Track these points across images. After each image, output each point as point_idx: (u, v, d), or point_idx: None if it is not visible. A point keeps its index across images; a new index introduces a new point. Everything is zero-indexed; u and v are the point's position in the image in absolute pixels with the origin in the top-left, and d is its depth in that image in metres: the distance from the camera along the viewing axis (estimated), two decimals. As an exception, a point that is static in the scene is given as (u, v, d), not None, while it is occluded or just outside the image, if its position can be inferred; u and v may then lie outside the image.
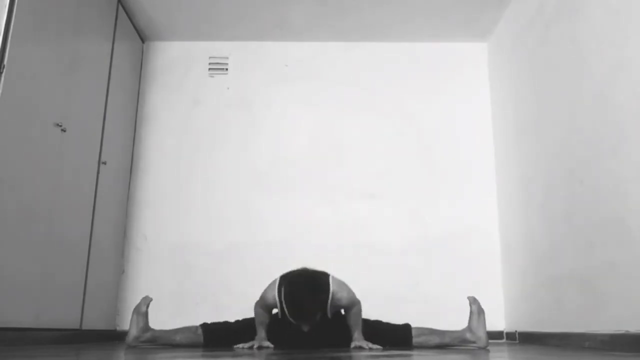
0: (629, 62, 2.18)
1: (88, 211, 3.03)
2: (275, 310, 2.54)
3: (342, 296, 2.42)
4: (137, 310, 2.49)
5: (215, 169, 3.78)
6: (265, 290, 2.47)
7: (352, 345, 2.42)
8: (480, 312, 2.56)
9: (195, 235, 3.65)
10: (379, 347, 2.39)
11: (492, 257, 3.63)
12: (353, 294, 2.48)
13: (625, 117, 2.20)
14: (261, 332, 2.45)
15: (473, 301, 2.58)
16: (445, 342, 2.57)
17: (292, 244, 3.58)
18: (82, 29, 2.95)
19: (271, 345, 2.38)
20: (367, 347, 2.35)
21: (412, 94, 3.92)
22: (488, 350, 2.39)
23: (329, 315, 2.46)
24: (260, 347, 2.32)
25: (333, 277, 2.45)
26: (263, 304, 2.47)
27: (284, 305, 2.26)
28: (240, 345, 2.34)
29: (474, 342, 2.53)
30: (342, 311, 2.59)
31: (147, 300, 2.51)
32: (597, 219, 2.40)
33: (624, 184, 2.20)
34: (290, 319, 2.26)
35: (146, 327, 2.48)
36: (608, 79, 2.34)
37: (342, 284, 2.46)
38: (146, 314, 2.49)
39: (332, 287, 2.40)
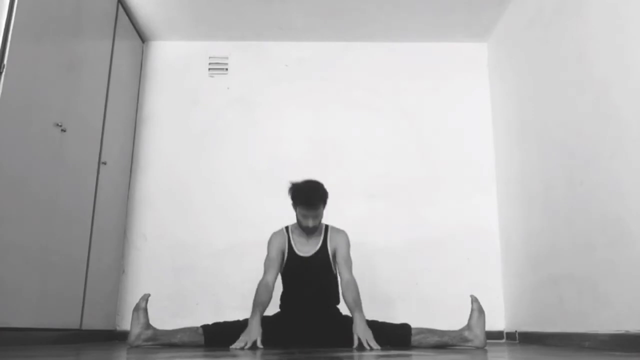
0: (629, 62, 2.18)
1: (88, 211, 3.03)
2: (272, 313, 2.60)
3: (338, 230, 2.79)
4: (136, 307, 2.50)
5: (215, 169, 3.78)
6: (272, 235, 2.80)
7: (355, 336, 2.43)
8: (481, 311, 2.57)
9: (195, 235, 3.65)
10: (378, 347, 2.38)
11: (492, 257, 3.63)
12: (349, 248, 2.76)
13: (625, 117, 2.21)
14: (255, 318, 2.44)
15: (474, 300, 2.59)
16: (444, 341, 2.57)
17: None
18: (82, 29, 2.95)
19: (261, 346, 2.38)
20: (367, 347, 2.35)
21: (413, 94, 3.92)
22: (485, 350, 2.38)
23: (330, 251, 2.72)
24: (251, 347, 2.33)
25: (331, 225, 2.83)
26: (271, 243, 2.75)
27: (294, 194, 2.67)
28: (234, 346, 2.35)
29: (471, 341, 2.53)
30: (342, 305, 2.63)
31: (145, 297, 2.53)
32: (597, 219, 2.40)
33: (624, 185, 2.20)
34: (300, 202, 2.64)
35: (147, 324, 2.48)
36: (608, 79, 2.34)
37: (346, 235, 2.80)
38: (145, 310, 2.50)
39: (329, 226, 2.79)
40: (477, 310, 2.57)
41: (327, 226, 2.81)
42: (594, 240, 2.42)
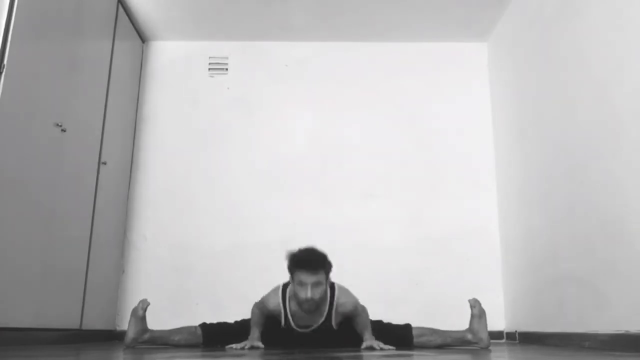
0: (629, 62, 2.18)
1: (88, 211, 3.03)
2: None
3: (347, 301, 2.45)
4: (134, 313, 2.49)
5: (215, 169, 3.78)
6: (267, 295, 2.49)
7: (364, 345, 2.40)
8: (482, 314, 2.56)
9: (195, 235, 3.65)
10: (391, 347, 2.36)
11: (492, 257, 3.63)
12: (357, 299, 2.50)
13: (625, 117, 2.20)
14: (255, 332, 2.43)
15: (474, 303, 2.58)
16: (447, 342, 2.57)
17: (291, 244, 3.54)
18: (82, 29, 2.95)
19: (262, 346, 2.37)
20: (378, 347, 2.34)
21: (412, 94, 3.92)
22: (490, 350, 2.39)
23: (334, 324, 2.48)
24: (252, 347, 2.32)
25: (337, 284, 2.49)
26: (263, 307, 2.48)
27: (291, 257, 2.34)
28: (233, 346, 2.34)
29: (475, 343, 2.54)
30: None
31: (144, 304, 2.50)
32: (597, 219, 2.40)
33: (624, 184, 2.20)
34: (297, 264, 2.31)
35: (144, 330, 2.47)
36: (608, 79, 2.34)
37: (346, 290, 2.50)
38: (144, 318, 2.49)
39: (336, 291, 2.45)
40: (478, 314, 2.56)
41: (333, 288, 2.47)
42: (594, 240, 2.42)
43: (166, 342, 2.51)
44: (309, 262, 2.30)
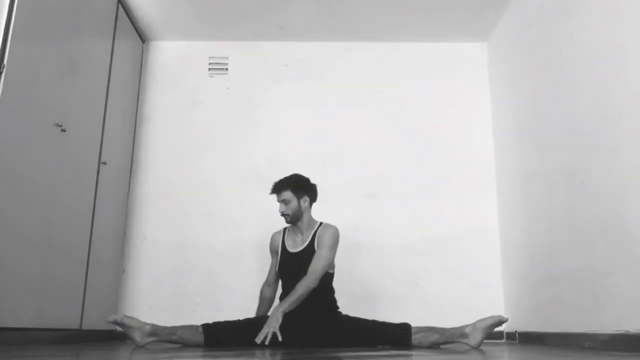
0: (629, 62, 2.18)
1: (88, 211, 3.03)
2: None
3: (327, 231, 2.76)
4: (121, 325, 2.49)
5: (215, 169, 3.78)
6: (270, 239, 2.96)
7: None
8: (495, 325, 2.55)
9: (195, 235, 3.65)
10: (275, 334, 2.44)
11: (492, 257, 3.63)
12: (334, 243, 2.73)
13: (625, 117, 2.21)
14: (260, 313, 2.81)
15: (501, 318, 2.57)
16: (445, 338, 2.56)
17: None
18: (82, 28, 2.95)
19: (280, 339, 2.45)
20: (258, 341, 2.42)
21: (412, 94, 3.92)
22: (484, 351, 2.38)
23: (316, 248, 2.72)
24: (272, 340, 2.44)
25: (327, 223, 2.83)
26: (271, 246, 2.93)
27: None
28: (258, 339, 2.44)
29: (468, 338, 2.51)
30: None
31: (115, 317, 2.52)
32: (597, 219, 2.40)
33: (624, 184, 2.20)
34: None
35: (139, 321, 2.49)
36: (608, 79, 2.34)
37: (329, 226, 2.79)
38: (128, 317, 2.51)
39: (322, 226, 2.81)
40: (493, 323, 2.54)
41: (320, 223, 2.84)
42: (594, 240, 2.42)
43: (169, 338, 2.52)
44: (272, 187, 2.83)
